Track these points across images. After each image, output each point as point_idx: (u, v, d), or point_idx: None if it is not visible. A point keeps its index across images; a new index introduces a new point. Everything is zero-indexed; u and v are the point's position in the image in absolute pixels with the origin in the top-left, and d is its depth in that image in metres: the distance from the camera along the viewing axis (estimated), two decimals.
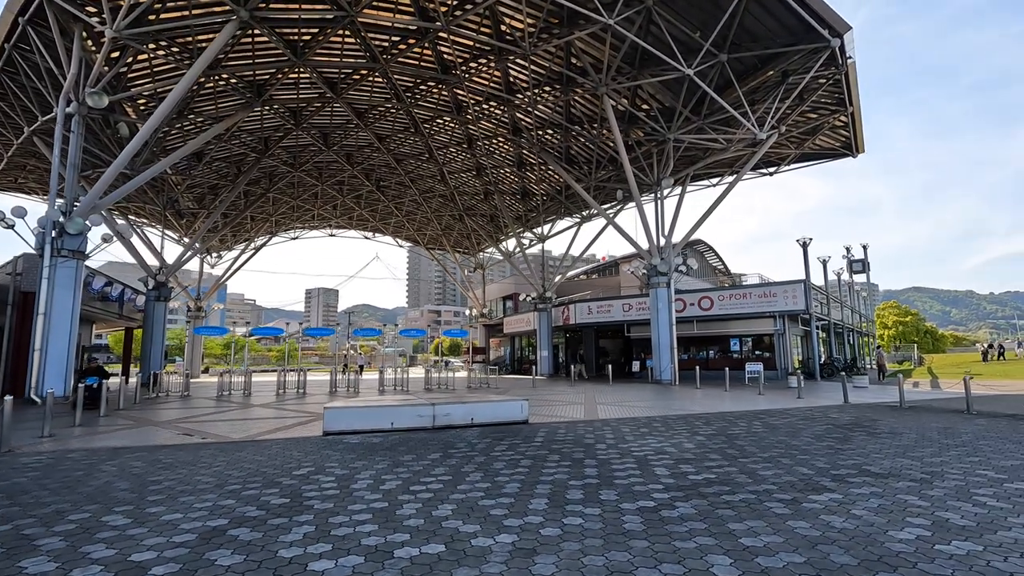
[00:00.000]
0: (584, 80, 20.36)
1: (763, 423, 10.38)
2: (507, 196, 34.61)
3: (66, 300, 14.91)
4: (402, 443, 8.36)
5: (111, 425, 10.75)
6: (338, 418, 9.41)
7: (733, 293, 25.73)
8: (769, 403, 14.31)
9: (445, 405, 10.18)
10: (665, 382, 21.93)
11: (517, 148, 28.67)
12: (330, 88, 22.48)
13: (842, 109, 22.81)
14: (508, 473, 6.19)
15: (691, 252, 45.30)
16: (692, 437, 8.73)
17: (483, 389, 20.37)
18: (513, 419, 10.57)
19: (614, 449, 7.72)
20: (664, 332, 22.40)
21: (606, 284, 42.37)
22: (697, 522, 4.35)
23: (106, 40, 14.29)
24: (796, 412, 12.23)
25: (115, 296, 22.24)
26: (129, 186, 16.92)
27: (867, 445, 7.86)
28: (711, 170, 28.17)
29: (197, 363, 36.26)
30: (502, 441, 8.47)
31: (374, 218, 41.79)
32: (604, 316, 29.99)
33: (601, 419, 11.33)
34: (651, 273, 23.12)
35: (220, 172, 29.16)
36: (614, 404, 14.50)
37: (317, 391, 19.30)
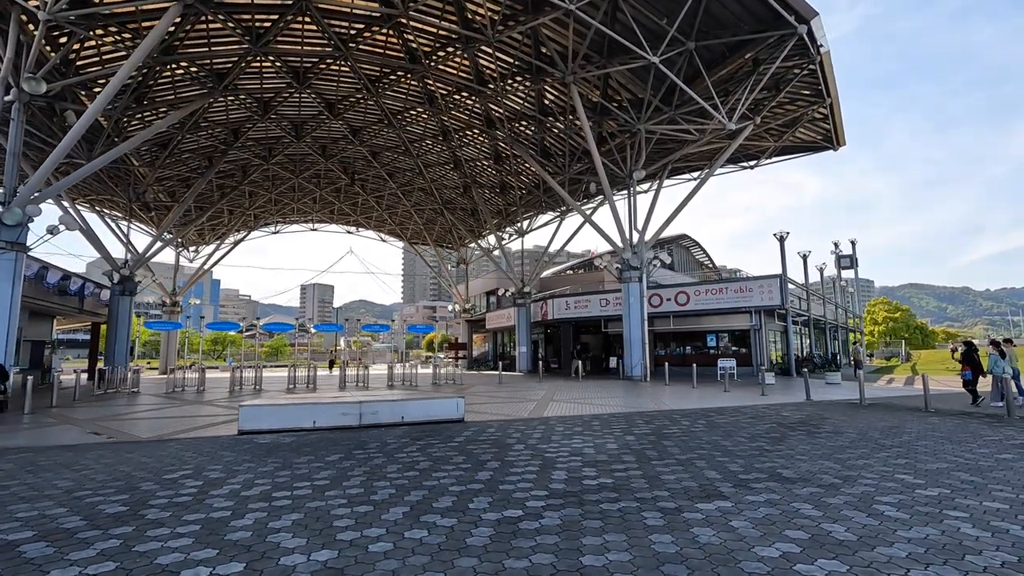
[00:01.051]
0: (552, 69, 19.83)
1: (708, 422, 9.95)
2: (486, 190, 34.09)
3: (4, 294, 14.36)
4: (313, 443, 7.91)
5: (22, 424, 10.27)
6: (254, 416, 8.95)
7: (709, 288, 25.30)
8: (730, 400, 13.89)
9: (373, 403, 9.72)
10: (636, 378, 21.50)
11: (492, 141, 28.14)
12: (296, 77, 21.93)
13: (820, 100, 22.32)
14: (394, 477, 5.74)
15: (675, 247, 44.93)
16: (622, 437, 8.30)
17: (446, 386, 19.94)
18: (447, 418, 10.13)
19: (530, 450, 7.28)
20: (636, 327, 21.96)
21: (591, 279, 41.90)
22: (551, 535, 3.91)
23: (40, 23, 13.69)
24: (750, 410, 11.82)
25: (74, 290, 21.67)
26: (73, 176, 16.37)
27: (798, 446, 7.43)
28: (690, 163, 27.71)
29: (173, 358, 35.72)
30: (420, 441, 8.02)
31: (355, 212, 41.22)
32: (582, 312, 29.55)
33: (543, 417, 10.90)
34: (623, 267, 22.66)
35: (190, 165, 28.56)
36: (569, 401, 14.07)
37: (273, 387, 18.82)
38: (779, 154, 27.95)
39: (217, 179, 31.66)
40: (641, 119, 20.73)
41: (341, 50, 19.80)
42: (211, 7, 16.94)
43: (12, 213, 14.40)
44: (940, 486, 5.23)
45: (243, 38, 18.64)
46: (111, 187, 25.57)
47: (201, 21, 18.17)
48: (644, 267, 22.41)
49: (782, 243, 24.75)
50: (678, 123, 20.70)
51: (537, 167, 25.78)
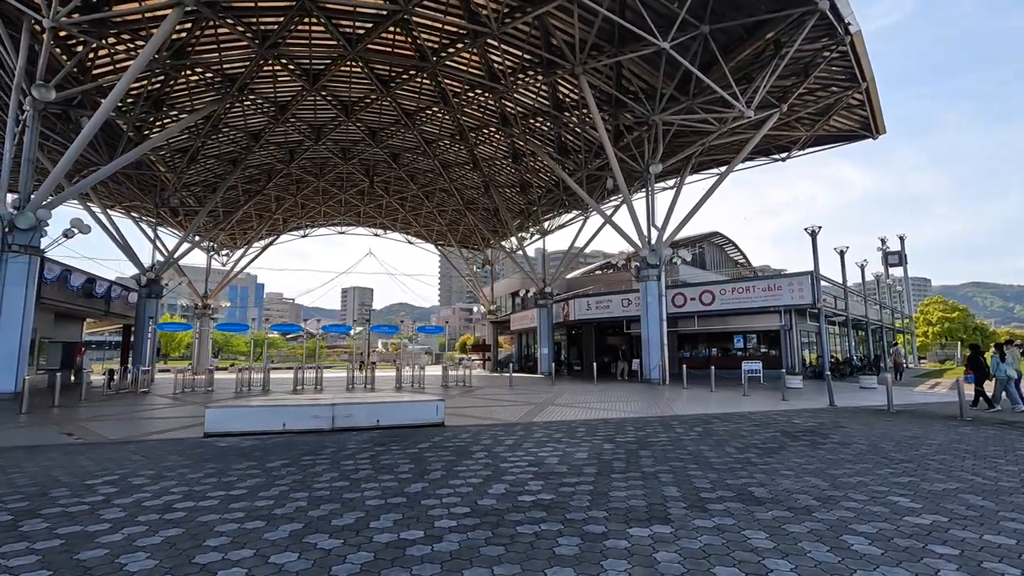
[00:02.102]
0: (562, 61, 19.17)
1: (704, 429, 9.12)
2: (505, 189, 33.60)
3: (18, 296, 14.78)
4: (269, 448, 7.55)
5: (6, 424, 10.36)
6: (221, 419, 8.68)
7: (736, 286, 24.02)
8: (746, 406, 12.91)
9: (346, 405, 9.33)
10: (654, 381, 20.54)
11: (509, 139, 27.65)
12: (308, 80, 21.98)
13: (855, 85, 20.90)
14: (319, 488, 5.28)
15: (706, 244, 43.32)
16: (600, 445, 7.61)
17: (455, 388, 19.52)
18: (425, 421, 9.64)
19: (489, 458, 6.70)
20: (654, 328, 21.00)
21: (618, 279, 40.78)
22: (432, 565, 3.34)
23: (46, 31, 14.03)
24: (760, 417, 10.86)
25: (100, 293, 22.36)
26: (87, 181, 16.79)
27: (791, 459, 6.58)
28: (715, 156, 26.49)
29: (205, 359, 36.70)
30: (381, 446, 7.56)
31: (379, 215, 41.48)
32: (603, 312, 28.66)
33: (531, 422, 10.28)
34: (641, 266, 21.73)
35: (215, 171, 29.20)
36: (569, 405, 13.38)
37: (281, 388, 18.81)
38: (813, 144, 26.42)
39: (243, 184, 32.35)
40: (656, 110, 19.81)
41: (349, 50, 19.70)
42: (217, 11, 17.11)
43: (25, 217, 14.80)
44: (938, 512, 4.38)
45: (252, 41, 18.77)
46: (138, 193, 26.34)
47: (209, 26, 18.39)
48: (663, 265, 21.43)
49: (814, 238, 23.26)
50: (696, 112, 19.68)
51: (552, 164, 25.14)
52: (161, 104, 21.29)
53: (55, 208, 16.09)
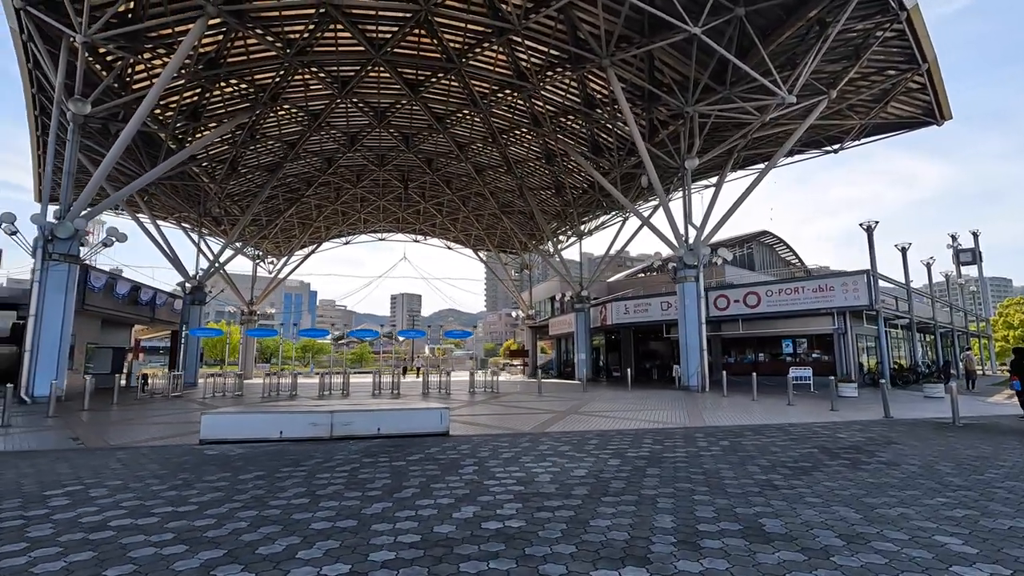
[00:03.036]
0: (589, 55, 18.43)
1: (731, 444, 8.19)
2: (540, 191, 32.96)
3: (57, 302, 15.32)
4: (256, 457, 7.22)
5: (26, 427, 10.54)
6: (217, 425, 8.46)
7: (783, 287, 22.43)
8: (789, 416, 11.76)
9: (346, 413, 8.94)
10: (693, 388, 19.36)
11: (542, 139, 27.05)
12: (340, 87, 22.12)
13: (914, 67, 19.18)
14: (276, 506, 4.82)
15: (755, 244, 41.21)
16: (606, 461, 6.87)
17: (481, 394, 19.00)
18: (429, 430, 9.13)
19: (477, 474, 6.10)
20: (692, 332, 19.83)
21: (661, 282, 39.34)
22: None
23: (79, 46, 14.53)
24: (801, 430, 9.77)
25: (145, 300, 23.20)
26: (123, 192, 17.35)
27: (822, 482, 5.65)
28: (759, 151, 24.95)
29: (250, 364, 37.77)
30: (369, 458, 7.08)
31: (417, 220, 41.69)
32: (641, 316, 27.52)
33: (543, 432, 9.59)
34: (678, 266, 20.60)
35: (255, 180, 29.96)
36: (592, 414, 12.59)
37: (310, 393, 18.83)
38: (869, 133, 24.52)
39: (284, 193, 33.13)
40: (689, 101, 18.73)
41: (374, 54, 19.65)
42: (244, 21, 17.38)
43: (64, 227, 15.33)
44: (999, 560, 3.45)
45: (281, 50, 18.99)
46: (182, 204, 27.31)
47: (238, 37, 18.74)
48: (701, 265, 20.24)
49: (870, 234, 21.45)
50: (733, 102, 18.47)
51: (584, 163, 24.35)
52: (199, 115, 21.89)
53: (94, 218, 16.66)
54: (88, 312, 19.70)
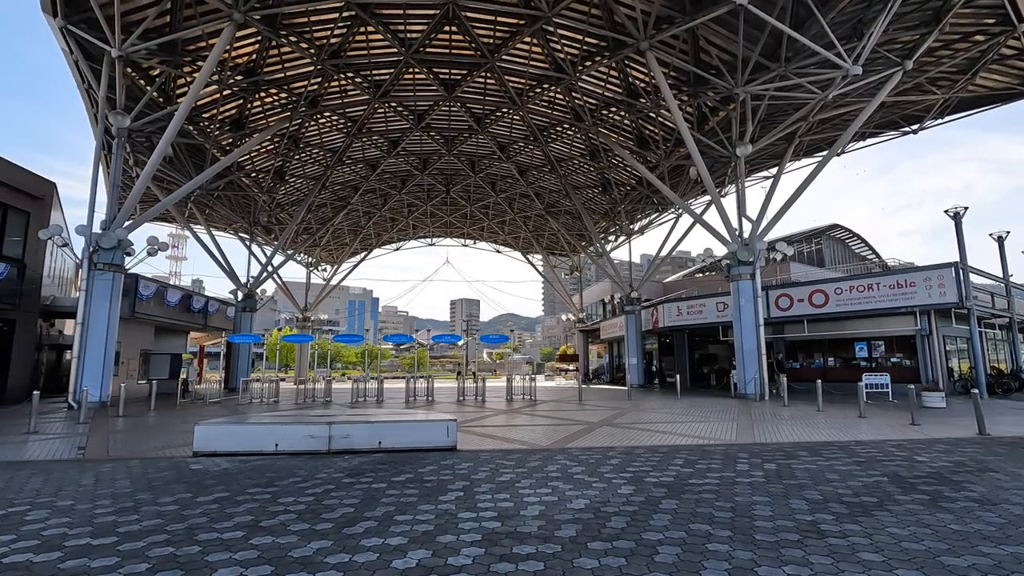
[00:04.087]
0: (627, 39, 17.23)
1: (781, 467, 6.89)
2: (586, 190, 31.73)
3: (102, 310, 15.79)
4: (235, 473, 6.67)
5: (51, 435, 10.61)
6: (211, 437, 8.04)
7: (855, 284, 20.14)
8: (858, 431, 10.16)
9: (345, 425, 8.30)
10: (750, 397, 17.62)
11: (585, 136, 25.92)
12: (376, 91, 21.94)
13: (1008, 29, 16.84)
14: (202, 540, 4.15)
15: (824, 239, 38.09)
16: (617, 488, 5.81)
17: (517, 402, 18.10)
18: (435, 445, 8.34)
19: (460, 503, 5.23)
20: (748, 335, 18.09)
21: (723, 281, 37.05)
22: None
23: (115, 60, 14.92)
24: (872, 448, 8.25)
25: (197, 308, 23.97)
26: (164, 203, 17.80)
27: (887, 528, 4.37)
28: (824, 134, 22.74)
29: (305, 370, 38.67)
30: (353, 478, 6.36)
31: (464, 224, 41.46)
32: (695, 318, 25.74)
33: (561, 448, 8.59)
34: (731, 263, 18.92)
35: (302, 189, 30.53)
36: (625, 427, 11.42)
37: (343, 399, 18.58)
38: (954, 110, 21.87)
39: (332, 201, 33.68)
40: (739, 81, 17.09)
41: (404, 53, 19.31)
42: (275, 28, 17.45)
43: (108, 237, 15.79)
44: None
45: (314, 56, 18.98)
46: (233, 214, 28.15)
47: (272, 46, 18.90)
48: (758, 262, 18.47)
49: (958, 222, 18.89)
50: (789, 79, 16.69)
51: (626, 155, 23.01)
52: (243, 125, 22.33)
53: (138, 228, 17.11)
54: (140, 320, 20.44)
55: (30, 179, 18.40)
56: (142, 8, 15.17)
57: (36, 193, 18.44)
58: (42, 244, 18.39)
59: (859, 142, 24.83)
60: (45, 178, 19.07)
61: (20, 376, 17.81)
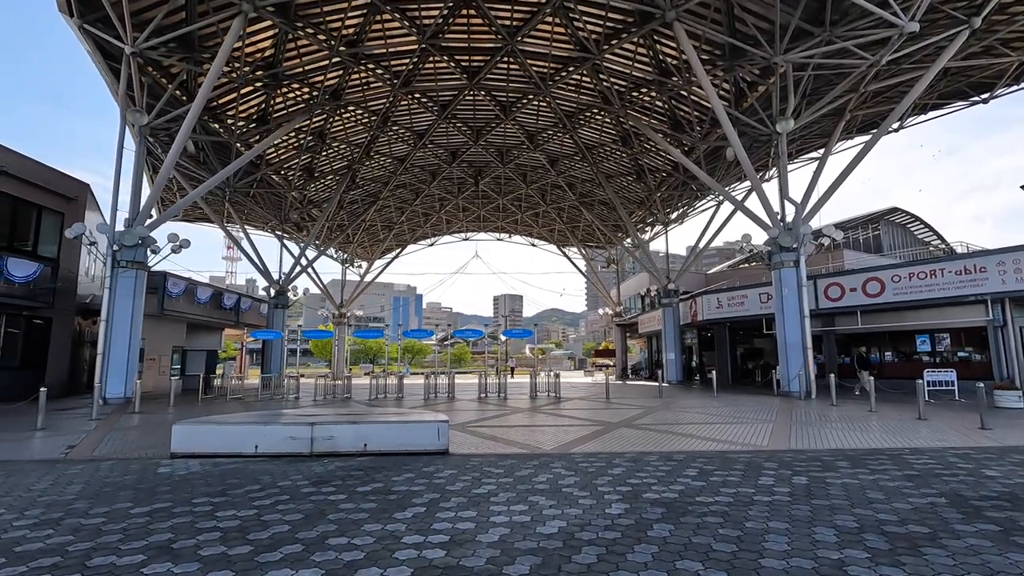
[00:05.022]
0: (653, 9, 16.03)
1: (813, 481, 5.83)
2: (619, 178, 30.40)
3: (126, 308, 15.91)
4: (198, 479, 6.17)
5: (55, 431, 10.53)
6: (189, 437, 7.61)
7: (915, 270, 18.20)
8: (915, 437, 8.85)
9: (329, 426, 7.72)
10: (794, 395, 16.17)
11: (616, 120, 24.70)
12: (399, 82, 21.46)
13: None
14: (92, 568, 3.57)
15: (882, 224, 35.33)
16: (603, 507, 4.94)
17: (542, 399, 17.27)
18: (423, 448, 7.66)
19: (410, 524, 4.50)
20: (792, 327, 16.60)
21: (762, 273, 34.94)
22: None
23: (128, 57, 14.94)
24: (925, 461, 7.01)
25: (229, 305, 24.27)
26: (186, 200, 17.91)
27: (940, 572, 3.34)
28: (878, 107, 20.75)
29: (342, 365, 39.04)
30: (313, 487, 5.74)
31: (497, 218, 40.76)
32: (736, 310, 24.15)
33: (563, 454, 7.74)
34: (773, 250, 17.43)
35: (332, 186, 30.55)
36: (645, 429, 10.43)
37: (363, 395, 18.24)
38: None
39: (363, 197, 33.65)
40: (778, 50, 15.59)
41: (422, 40, 18.73)
42: (290, 19, 17.18)
43: (130, 235, 15.90)
44: None
45: (332, 48, 18.63)
46: (265, 212, 28.43)
47: (290, 39, 18.67)
48: (802, 247, 16.93)
49: None
50: (835, 43, 15.07)
51: (657, 138, 21.69)
52: (266, 121, 22.31)
53: (161, 225, 17.22)
54: (170, 317, 20.76)
55: (63, 180, 18.86)
56: (153, 6, 15.13)
57: (69, 194, 18.88)
58: (76, 244, 18.85)
59: (920, 115, 22.64)
60: (78, 179, 19.53)
61: (57, 372, 18.29)
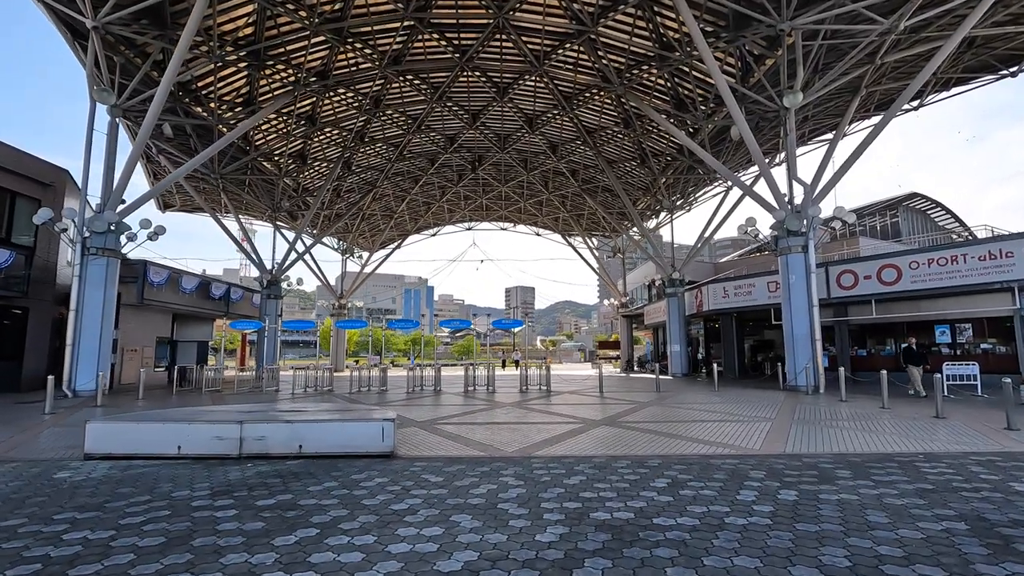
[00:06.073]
0: None
1: (805, 496, 4.85)
2: (623, 163, 29.22)
3: (97, 297, 15.30)
4: (90, 488, 5.38)
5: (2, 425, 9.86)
6: (104, 437, 6.83)
7: (935, 256, 16.93)
8: (931, 439, 7.81)
9: (260, 424, 6.89)
10: (801, 389, 15.09)
11: (616, 100, 23.53)
12: (388, 62, 20.51)
13: None
14: None
15: (902, 210, 33.73)
16: (537, 531, 4.03)
17: (532, 392, 16.37)
18: (366, 450, 6.81)
19: (283, 555, 3.62)
20: (800, 317, 15.49)
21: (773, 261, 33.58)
22: None
23: (93, 33, 14.18)
24: (941, 471, 5.99)
25: (218, 295, 23.62)
26: (163, 183, 17.22)
27: None
28: (895, 82, 19.39)
29: (341, 357, 38.48)
30: (215, 496, 4.90)
31: (500, 207, 39.79)
32: (744, 299, 22.99)
33: (523, 457, 6.83)
34: (779, 234, 16.27)
35: (327, 175, 29.75)
36: (627, 428, 9.48)
37: (352, 388, 17.48)
38: None
39: (361, 186, 32.89)
40: (786, 15, 14.36)
41: (406, 12, 17.75)
42: None
43: (100, 220, 15.24)
44: None
45: (310, 22, 17.74)
46: (257, 200, 27.75)
47: (269, 16, 17.79)
48: (812, 231, 15.77)
49: None
50: (845, 4, 13.81)
51: (659, 118, 20.50)
52: (251, 104, 21.52)
53: (135, 211, 16.53)
54: (152, 307, 20.15)
55: (39, 166, 18.27)
56: None
57: (45, 180, 18.28)
58: (55, 232, 18.27)
59: (943, 92, 21.21)
60: (56, 165, 18.93)
61: (35, 364, 17.75)
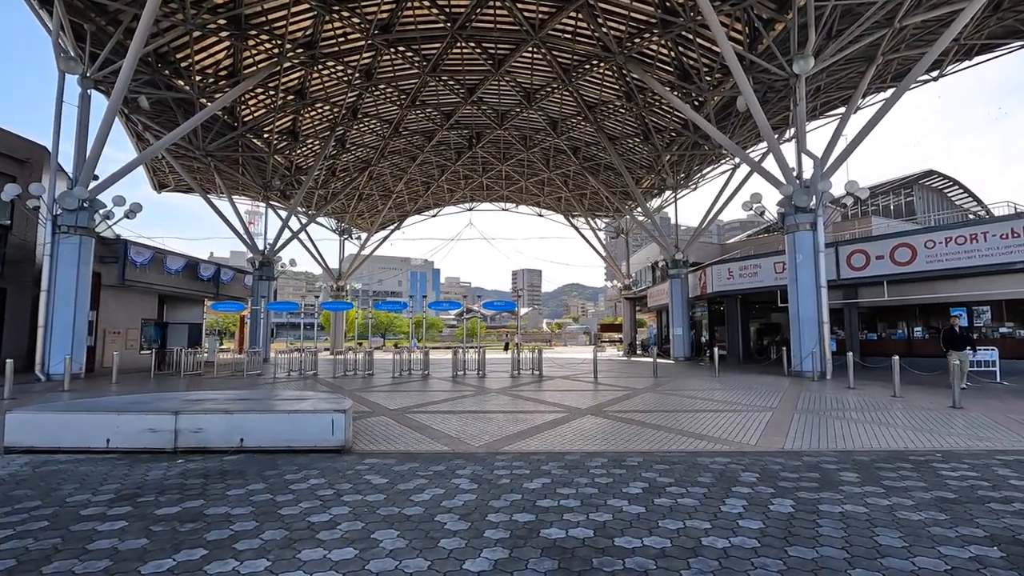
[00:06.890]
0: None
1: (803, 505, 4.11)
2: (626, 140, 28.11)
3: (70, 277, 14.71)
4: None
5: None
6: (25, 428, 6.19)
7: (952, 235, 15.91)
8: (952, 432, 7.03)
9: (197, 415, 6.21)
10: (806, 375, 14.30)
11: (618, 73, 22.41)
12: (376, 30, 19.53)
13: None
14: None
15: (917, 188, 32.43)
16: (468, 556, 3.31)
17: (522, 377, 15.68)
18: (314, 444, 6.12)
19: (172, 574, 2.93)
20: (806, 298, 14.63)
21: None
22: None
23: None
24: (963, 471, 5.21)
25: (207, 276, 23.00)
26: (143, 155, 16.50)
27: None
28: (914, 50, 18.16)
29: (340, 340, 38.02)
30: (121, 503, 4.23)
31: (500, 186, 38.86)
32: (749, 281, 22.07)
33: (489, 453, 6.13)
34: (786, 211, 15.33)
35: (320, 153, 28.88)
36: (611, 419, 8.76)
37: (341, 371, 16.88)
38: None
39: (356, 164, 32.06)
40: None
41: None
42: None
43: (70, 197, 14.57)
44: None
45: None
46: (248, 179, 27.00)
47: None
48: (821, 208, 14.81)
49: None
50: None
51: (661, 89, 19.43)
52: (235, 76, 20.63)
53: (108, 188, 15.84)
54: (135, 288, 19.58)
55: (14, 141, 17.65)
56: None
57: (21, 157, 17.63)
58: (34, 212, 17.66)
59: (966, 60, 19.93)
60: (32, 141, 18.27)
61: (15, 346, 17.28)
